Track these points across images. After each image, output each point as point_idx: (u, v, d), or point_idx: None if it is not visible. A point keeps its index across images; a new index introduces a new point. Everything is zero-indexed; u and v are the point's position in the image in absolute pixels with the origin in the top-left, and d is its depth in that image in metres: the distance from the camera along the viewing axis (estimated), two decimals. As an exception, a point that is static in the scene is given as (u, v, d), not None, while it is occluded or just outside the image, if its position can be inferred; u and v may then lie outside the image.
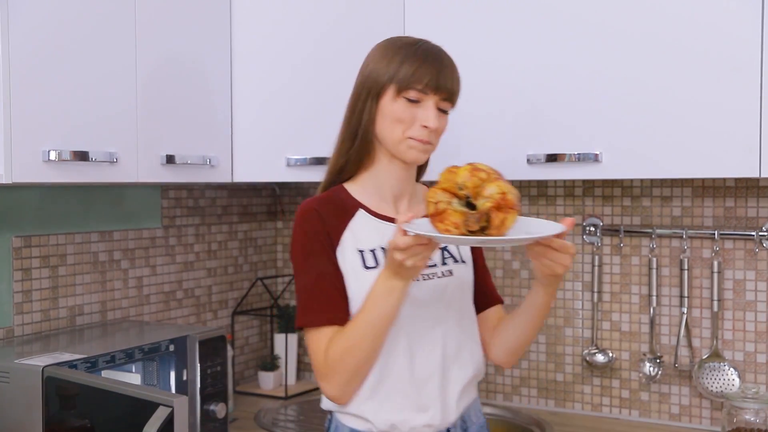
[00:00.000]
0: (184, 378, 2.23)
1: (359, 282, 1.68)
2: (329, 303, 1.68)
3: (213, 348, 2.28)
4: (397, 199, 1.80)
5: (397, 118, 1.69)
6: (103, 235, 2.53)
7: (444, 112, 1.72)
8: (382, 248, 1.71)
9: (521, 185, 2.65)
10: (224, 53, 2.46)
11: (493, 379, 2.81)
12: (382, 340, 1.65)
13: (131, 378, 2.24)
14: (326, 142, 2.47)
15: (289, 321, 3.01)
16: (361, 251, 1.71)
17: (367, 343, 1.63)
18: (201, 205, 2.88)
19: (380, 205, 1.77)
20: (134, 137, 2.16)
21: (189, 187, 2.82)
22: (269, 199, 3.18)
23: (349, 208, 1.75)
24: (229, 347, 2.41)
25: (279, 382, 2.97)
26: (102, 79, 2.07)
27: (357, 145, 1.75)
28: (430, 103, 1.68)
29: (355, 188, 1.79)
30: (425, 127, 1.68)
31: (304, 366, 3.13)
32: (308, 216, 1.72)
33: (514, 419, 2.65)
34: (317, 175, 2.50)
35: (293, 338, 3.01)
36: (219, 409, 2.25)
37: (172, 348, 2.22)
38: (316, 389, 3.00)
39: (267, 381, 2.96)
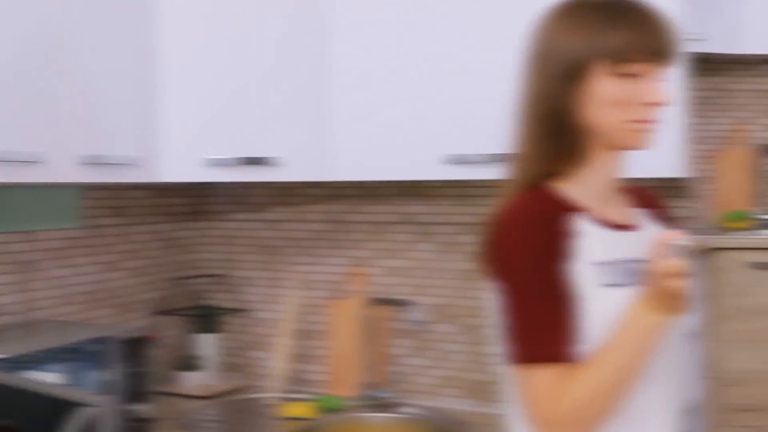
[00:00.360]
0: (107, 378, 2.23)
1: (598, 303, 1.36)
2: (564, 334, 1.34)
3: (135, 348, 2.29)
4: (612, 198, 1.48)
5: (614, 100, 1.36)
6: (25, 235, 2.51)
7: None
8: (623, 261, 1.41)
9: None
10: (147, 50, 2.46)
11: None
12: (633, 383, 1.34)
13: (53, 378, 2.22)
14: (251, 141, 2.51)
15: (211, 321, 3.02)
16: (596, 264, 1.38)
17: (618, 390, 1.32)
18: (124, 205, 2.87)
19: (599, 207, 1.44)
20: (56, 136, 2.14)
21: (112, 187, 2.81)
22: (193, 200, 3.18)
23: (568, 211, 1.41)
24: (151, 347, 2.41)
25: (201, 382, 2.98)
26: (23, 77, 2.06)
27: (566, 140, 1.41)
28: (650, 74, 1.37)
29: (564, 188, 1.44)
30: (649, 103, 1.37)
31: (225, 366, 3.13)
32: (535, 221, 1.37)
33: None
34: (241, 174, 2.53)
35: (215, 338, 3.02)
36: (141, 410, 2.26)
37: (94, 348, 2.22)
38: (238, 389, 3.01)
39: (189, 381, 2.96)
